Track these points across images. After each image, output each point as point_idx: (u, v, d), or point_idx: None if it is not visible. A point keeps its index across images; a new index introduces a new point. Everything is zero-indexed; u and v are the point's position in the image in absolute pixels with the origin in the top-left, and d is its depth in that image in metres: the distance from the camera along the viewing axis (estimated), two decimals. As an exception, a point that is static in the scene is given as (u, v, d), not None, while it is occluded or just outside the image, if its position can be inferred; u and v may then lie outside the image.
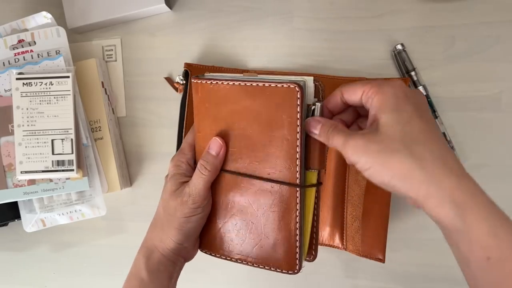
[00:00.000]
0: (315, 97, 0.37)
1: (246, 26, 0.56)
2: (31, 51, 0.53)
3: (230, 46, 0.56)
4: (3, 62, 0.53)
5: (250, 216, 0.39)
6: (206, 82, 0.39)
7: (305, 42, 0.55)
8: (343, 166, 0.52)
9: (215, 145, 0.39)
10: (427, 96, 0.51)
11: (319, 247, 0.53)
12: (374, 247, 0.49)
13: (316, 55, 0.54)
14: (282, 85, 0.36)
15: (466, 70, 0.52)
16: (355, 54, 0.54)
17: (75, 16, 0.57)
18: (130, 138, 0.58)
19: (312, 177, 0.38)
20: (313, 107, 0.36)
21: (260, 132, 0.37)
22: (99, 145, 0.54)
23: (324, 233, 0.53)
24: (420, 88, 0.51)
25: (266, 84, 0.37)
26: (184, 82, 0.55)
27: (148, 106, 0.58)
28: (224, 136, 0.39)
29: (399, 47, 0.52)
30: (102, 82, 0.56)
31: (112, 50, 0.58)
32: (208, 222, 0.41)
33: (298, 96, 0.35)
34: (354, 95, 0.33)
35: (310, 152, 0.37)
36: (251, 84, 0.37)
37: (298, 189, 0.36)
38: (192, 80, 0.41)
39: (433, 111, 0.51)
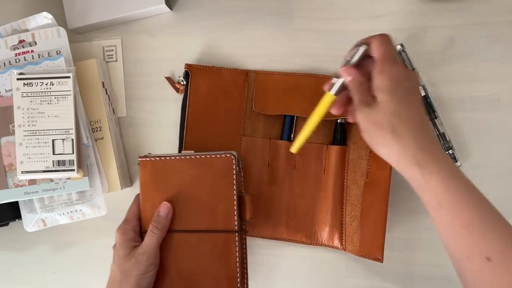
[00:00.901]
0: (238, 165, 0.48)
1: (246, 26, 0.56)
2: (32, 51, 0.53)
3: (230, 46, 0.56)
4: (4, 63, 0.53)
5: (196, 267, 0.46)
6: (154, 159, 0.48)
7: (305, 42, 0.55)
8: (341, 166, 0.52)
9: (164, 208, 0.47)
10: (427, 96, 0.51)
11: (319, 247, 0.53)
12: (372, 246, 0.49)
13: (316, 55, 0.54)
14: (221, 155, 0.47)
15: (465, 71, 0.52)
16: (355, 54, 0.54)
17: (75, 17, 0.57)
18: (130, 138, 0.58)
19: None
20: (358, 48, 0.41)
21: (204, 194, 0.47)
22: (100, 145, 0.55)
23: (324, 233, 0.53)
24: (420, 88, 0.51)
25: (209, 156, 0.47)
26: (185, 83, 0.55)
27: (148, 106, 0.58)
28: (173, 201, 0.47)
29: (399, 47, 0.52)
30: (103, 82, 0.56)
31: (112, 50, 0.59)
32: (158, 279, 0.46)
33: (234, 163, 0.46)
34: (373, 52, 0.40)
35: (245, 206, 0.47)
36: (195, 157, 0.47)
37: (236, 234, 0.46)
38: (139, 159, 0.49)
39: (433, 111, 0.51)
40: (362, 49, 0.40)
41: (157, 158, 0.48)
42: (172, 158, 0.48)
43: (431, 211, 0.36)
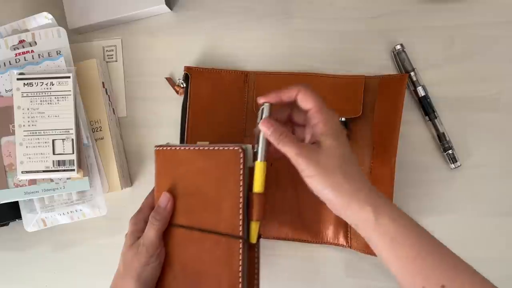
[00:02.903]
0: (253, 160, 0.44)
1: (246, 26, 0.56)
2: (32, 51, 0.54)
3: (230, 47, 0.56)
4: (4, 63, 0.53)
5: (200, 265, 0.44)
6: (167, 148, 0.46)
7: (305, 43, 0.55)
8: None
9: (164, 199, 0.44)
10: (426, 96, 0.51)
11: (319, 247, 0.53)
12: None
13: (316, 56, 0.55)
14: (229, 148, 0.43)
15: (465, 71, 0.52)
16: (354, 55, 0.54)
17: (75, 17, 0.57)
18: (130, 138, 0.58)
19: (255, 227, 0.44)
20: (262, 107, 0.42)
21: (210, 188, 0.44)
22: (100, 145, 0.55)
23: (329, 231, 0.53)
24: (420, 88, 0.51)
25: (216, 148, 0.44)
26: (185, 85, 0.55)
27: (148, 106, 0.58)
28: (179, 192, 0.45)
29: (398, 47, 0.52)
30: (103, 83, 0.56)
31: (112, 50, 0.59)
32: (163, 273, 0.45)
33: (241, 156, 0.43)
34: (307, 104, 0.40)
35: (253, 205, 0.43)
36: (204, 148, 0.44)
37: (241, 241, 0.42)
38: (155, 148, 0.47)
39: (433, 111, 0.51)
40: (266, 106, 0.42)
41: (169, 148, 0.46)
42: (182, 148, 0.45)
43: (384, 249, 0.37)
